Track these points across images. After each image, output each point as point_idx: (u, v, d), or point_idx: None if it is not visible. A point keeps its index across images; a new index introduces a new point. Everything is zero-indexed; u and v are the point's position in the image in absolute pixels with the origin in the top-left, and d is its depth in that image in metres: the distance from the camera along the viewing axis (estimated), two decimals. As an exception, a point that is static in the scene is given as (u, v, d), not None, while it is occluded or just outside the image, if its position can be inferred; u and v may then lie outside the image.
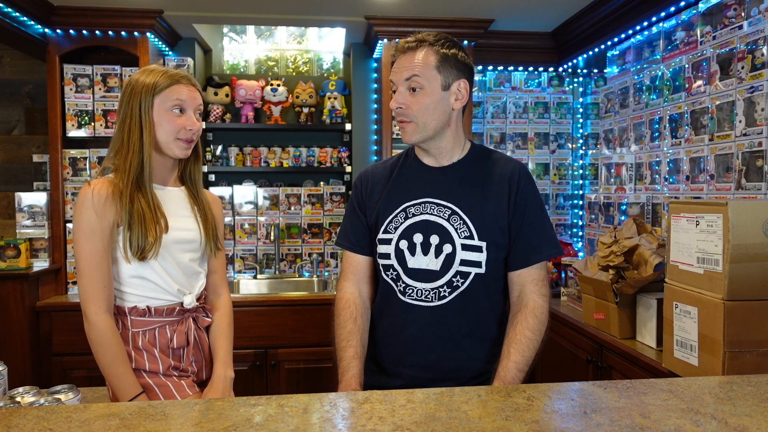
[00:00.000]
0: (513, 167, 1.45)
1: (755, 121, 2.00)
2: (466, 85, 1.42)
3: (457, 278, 1.39)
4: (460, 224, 1.39)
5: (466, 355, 1.41)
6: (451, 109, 1.41)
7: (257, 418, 0.89)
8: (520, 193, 1.42)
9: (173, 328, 1.44)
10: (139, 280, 1.40)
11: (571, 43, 3.31)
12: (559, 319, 2.58)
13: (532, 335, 1.36)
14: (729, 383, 1.07)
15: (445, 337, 1.40)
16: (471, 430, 0.84)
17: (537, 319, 1.38)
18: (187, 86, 1.45)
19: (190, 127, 1.43)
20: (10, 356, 2.67)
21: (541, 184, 3.54)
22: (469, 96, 1.43)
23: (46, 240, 2.96)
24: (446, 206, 1.41)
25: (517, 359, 1.34)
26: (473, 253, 1.38)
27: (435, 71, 1.37)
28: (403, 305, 1.42)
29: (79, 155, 3.05)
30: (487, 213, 1.40)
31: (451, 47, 1.39)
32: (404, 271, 1.42)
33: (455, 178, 1.44)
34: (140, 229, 1.36)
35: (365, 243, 1.50)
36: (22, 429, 0.86)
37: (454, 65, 1.39)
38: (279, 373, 2.87)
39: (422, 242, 1.40)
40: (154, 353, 1.41)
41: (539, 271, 1.42)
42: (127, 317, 1.41)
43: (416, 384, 1.34)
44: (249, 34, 4.23)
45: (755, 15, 2.02)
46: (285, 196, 3.45)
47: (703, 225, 1.54)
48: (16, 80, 3.26)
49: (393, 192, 1.47)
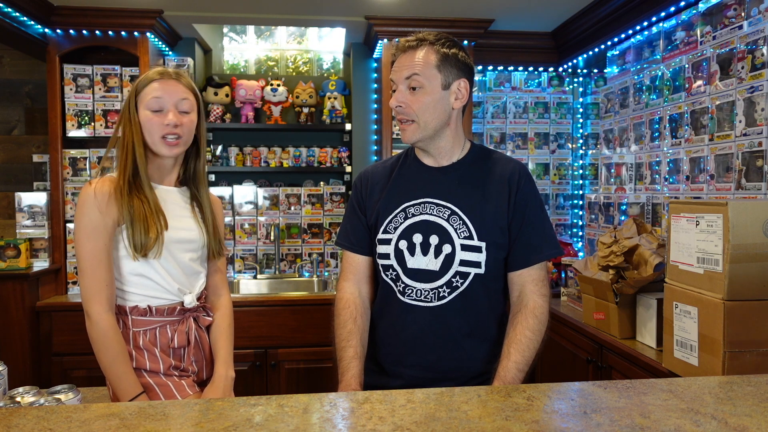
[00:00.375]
0: (513, 167, 1.45)
1: (755, 121, 2.00)
2: (466, 84, 1.42)
3: (457, 278, 1.39)
4: (459, 224, 1.39)
5: (466, 355, 1.41)
6: (450, 108, 1.41)
7: (257, 418, 0.89)
8: (520, 193, 1.41)
9: (174, 328, 1.44)
10: (140, 278, 1.41)
11: (571, 43, 3.31)
12: (559, 319, 2.58)
13: (532, 335, 1.36)
14: (729, 383, 1.07)
15: (444, 337, 1.40)
16: (471, 430, 0.84)
17: (537, 320, 1.37)
18: (166, 81, 1.40)
19: (167, 122, 1.38)
20: (10, 356, 2.67)
21: (541, 184, 3.54)
22: (469, 96, 1.43)
23: (46, 240, 2.96)
24: (446, 206, 1.40)
25: (517, 359, 1.33)
26: (473, 254, 1.38)
27: (435, 70, 1.37)
28: (402, 305, 1.42)
29: (79, 155, 3.05)
30: (487, 213, 1.40)
31: (451, 47, 1.39)
32: (404, 272, 1.41)
33: (455, 178, 1.44)
34: (142, 227, 1.36)
35: (365, 243, 1.50)
36: (22, 429, 0.86)
37: (454, 64, 1.39)
38: (279, 373, 2.86)
39: (422, 242, 1.40)
40: (154, 353, 1.42)
41: (539, 271, 1.42)
42: (128, 317, 1.41)
43: (416, 384, 1.34)
44: (249, 34, 4.23)
45: (755, 15, 2.02)
46: (285, 196, 3.45)
47: (703, 225, 1.54)
48: (16, 80, 3.26)
49: (393, 192, 1.47)
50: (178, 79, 1.43)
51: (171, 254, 1.43)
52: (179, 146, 1.42)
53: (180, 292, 1.45)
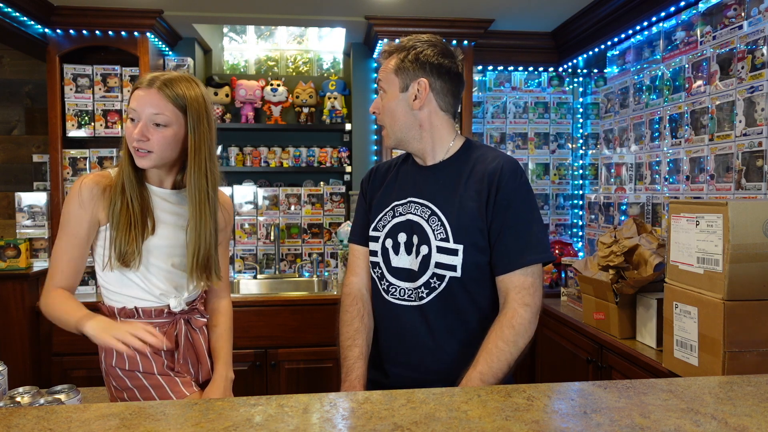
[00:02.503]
0: (497, 164, 1.34)
1: (755, 121, 2.00)
2: (425, 83, 1.36)
3: (434, 280, 1.35)
4: (437, 225, 1.35)
5: (449, 357, 1.36)
6: (413, 109, 1.38)
7: (257, 418, 0.89)
8: (502, 192, 1.32)
9: (163, 330, 1.42)
10: (121, 279, 1.41)
11: (571, 43, 3.31)
12: (559, 319, 2.58)
13: (505, 346, 1.26)
14: (729, 383, 1.07)
15: (426, 337, 1.36)
16: (471, 430, 0.84)
17: (513, 330, 1.27)
18: (146, 91, 1.35)
19: (131, 136, 1.35)
20: (10, 356, 2.67)
21: (541, 184, 3.54)
22: (432, 93, 1.37)
23: (46, 240, 2.96)
24: (427, 206, 1.38)
25: (483, 370, 1.25)
26: (448, 256, 1.33)
27: (393, 75, 1.38)
28: (386, 303, 1.42)
29: (79, 155, 3.05)
30: (465, 214, 1.33)
31: (413, 49, 1.36)
32: (388, 270, 1.42)
33: (438, 178, 1.40)
34: (124, 233, 1.36)
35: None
36: (22, 429, 0.86)
37: (411, 66, 1.36)
38: (279, 373, 2.86)
39: (405, 242, 1.39)
40: (146, 354, 1.39)
41: (523, 277, 1.30)
42: (116, 317, 1.41)
43: (402, 383, 1.33)
44: (249, 34, 4.23)
45: (755, 15, 2.02)
46: (285, 196, 3.45)
47: (703, 225, 1.54)
48: (16, 80, 3.26)
49: (386, 190, 1.48)
50: (161, 90, 1.34)
51: (149, 260, 1.40)
52: (149, 159, 1.36)
53: (163, 296, 1.43)
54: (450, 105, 1.41)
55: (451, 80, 1.39)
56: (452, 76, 1.39)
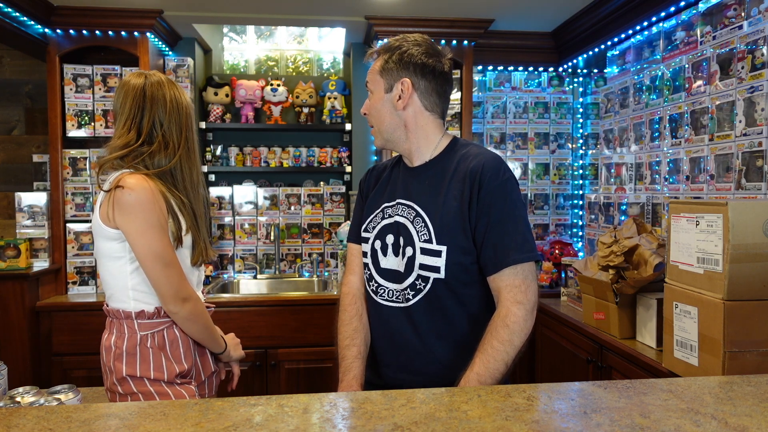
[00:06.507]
0: (479, 162, 1.31)
1: (755, 121, 2.00)
2: (408, 83, 1.35)
3: (419, 282, 1.34)
4: (421, 227, 1.34)
5: (437, 359, 1.35)
6: (396, 110, 1.37)
7: (257, 418, 0.89)
8: (484, 190, 1.29)
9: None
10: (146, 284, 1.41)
11: (571, 43, 3.31)
12: (559, 319, 2.58)
13: (500, 346, 1.24)
14: (729, 383, 1.07)
15: (414, 339, 1.35)
16: (471, 430, 0.84)
17: (508, 329, 1.25)
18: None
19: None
20: (10, 356, 2.67)
21: (541, 184, 3.54)
22: (417, 93, 1.36)
23: (46, 240, 2.96)
24: (412, 207, 1.37)
25: (480, 371, 1.23)
26: (431, 258, 1.31)
27: (378, 75, 1.39)
28: (375, 304, 1.43)
29: (79, 155, 3.05)
30: (448, 214, 1.31)
31: (398, 49, 1.36)
32: (376, 271, 1.42)
33: (424, 179, 1.38)
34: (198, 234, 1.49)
35: None
36: (22, 429, 0.86)
37: (394, 65, 1.35)
38: (279, 373, 2.87)
39: (393, 243, 1.39)
40: (160, 357, 1.41)
41: (514, 277, 1.27)
42: (133, 321, 1.41)
43: (393, 384, 1.33)
44: (249, 34, 4.23)
45: (755, 15, 2.02)
46: (285, 196, 3.45)
47: (703, 225, 1.54)
48: (16, 80, 3.26)
49: (378, 191, 1.48)
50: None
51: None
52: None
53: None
54: (436, 105, 1.39)
55: (436, 79, 1.37)
56: (437, 75, 1.37)
